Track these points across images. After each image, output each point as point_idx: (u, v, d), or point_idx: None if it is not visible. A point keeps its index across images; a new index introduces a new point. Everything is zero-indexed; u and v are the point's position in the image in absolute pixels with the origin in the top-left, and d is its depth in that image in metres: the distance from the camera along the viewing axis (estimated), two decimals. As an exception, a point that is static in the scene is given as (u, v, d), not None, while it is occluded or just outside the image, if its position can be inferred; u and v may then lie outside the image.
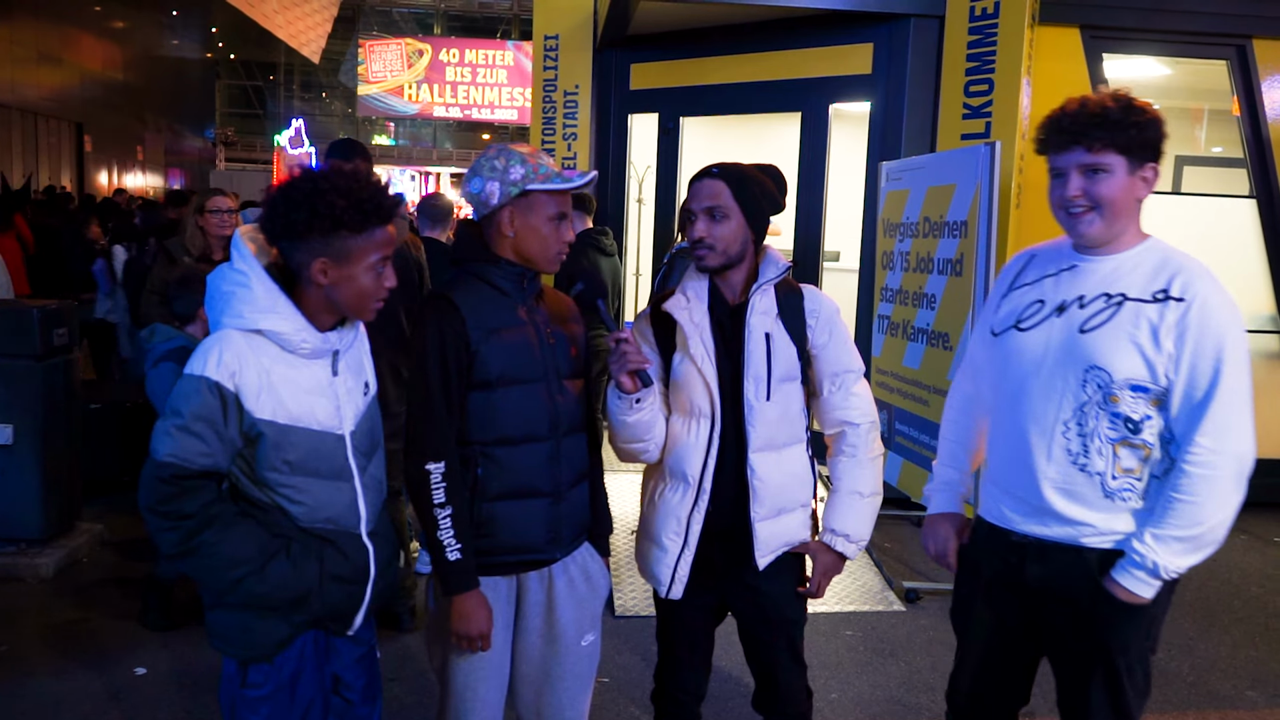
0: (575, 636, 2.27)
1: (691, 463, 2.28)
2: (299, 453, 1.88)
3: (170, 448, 1.77)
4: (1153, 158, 2.02)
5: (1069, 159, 2.02)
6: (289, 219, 1.84)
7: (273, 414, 1.84)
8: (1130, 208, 2.03)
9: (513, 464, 2.14)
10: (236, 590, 1.85)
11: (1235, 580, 4.98)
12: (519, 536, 2.16)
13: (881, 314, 5.40)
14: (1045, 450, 2.06)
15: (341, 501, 1.96)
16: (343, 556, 1.97)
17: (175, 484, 1.76)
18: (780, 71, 6.45)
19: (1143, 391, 1.98)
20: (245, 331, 1.83)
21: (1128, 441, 2.00)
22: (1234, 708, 3.65)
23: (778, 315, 2.30)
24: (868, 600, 4.53)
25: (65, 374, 4.68)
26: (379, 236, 1.90)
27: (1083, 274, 2.09)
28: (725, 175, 2.27)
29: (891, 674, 3.82)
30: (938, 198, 4.74)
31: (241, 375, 1.80)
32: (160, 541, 1.82)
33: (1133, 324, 1.98)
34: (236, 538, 1.83)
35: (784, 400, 2.29)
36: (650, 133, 7.37)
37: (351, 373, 2.01)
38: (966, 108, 5.40)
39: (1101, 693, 2.09)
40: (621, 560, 4.74)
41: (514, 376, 2.12)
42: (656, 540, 2.34)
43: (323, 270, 1.86)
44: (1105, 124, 1.97)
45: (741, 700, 3.48)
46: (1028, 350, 2.11)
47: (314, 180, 1.85)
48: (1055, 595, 2.10)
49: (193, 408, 1.78)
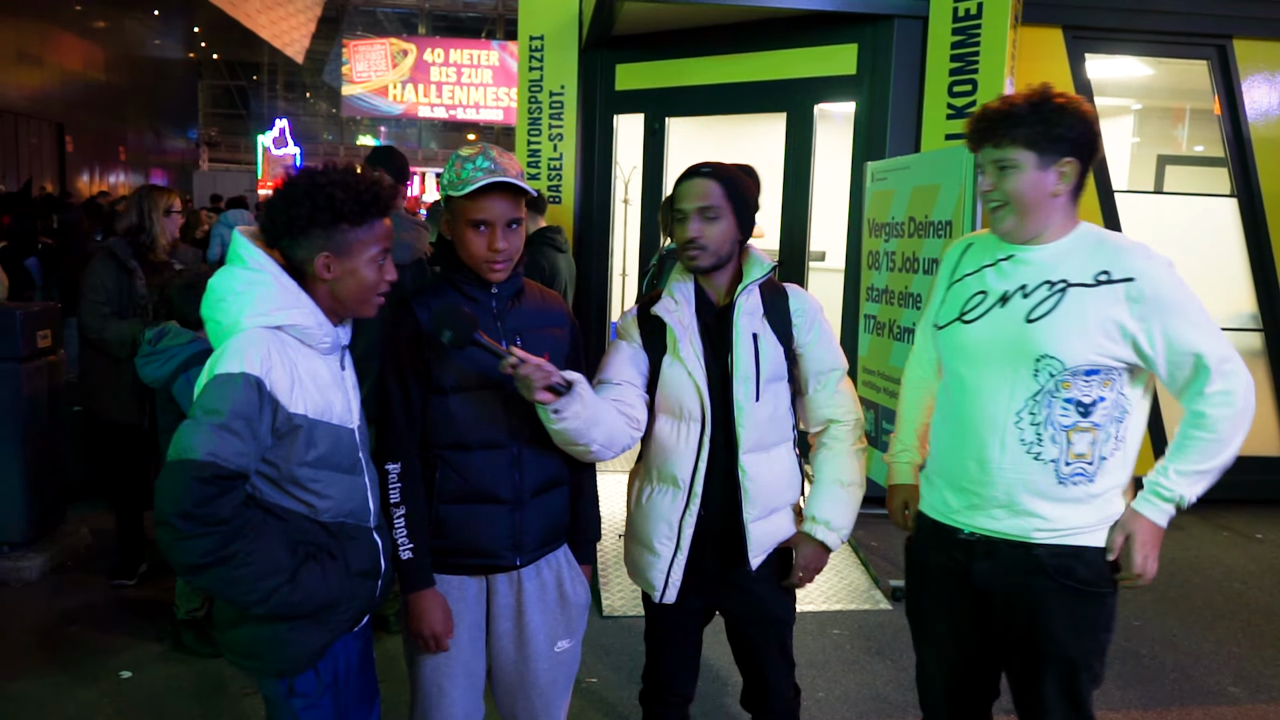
0: (546, 642, 2.25)
1: (682, 466, 2.27)
2: (324, 446, 1.88)
3: (210, 445, 1.68)
4: (1069, 152, 2.02)
5: (983, 155, 2.08)
6: (290, 215, 1.85)
7: (305, 408, 1.84)
8: (1044, 202, 2.04)
9: (467, 469, 2.13)
10: (269, 601, 1.78)
11: (1218, 577, 5.02)
12: (476, 541, 2.16)
13: (868, 314, 5.41)
14: (999, 442, 2.07)
15: (358, 495, 1.97)
16: (363, 551, 1.97)
17: (215, 484, 1.68)
18: (765, 72, 6.46)
19: (1094, 374, 2.01)
20: (269, 329, 1.83)
21: (1079, 426, 2.03)
22: (1217, 703, 3.68)
23: (764, 315, 2.29)
24: (855, 599, 4.55)
25: (48, 376, 4.65)
26: (379, 228, 1.91)
27: (1022, 263, 2.10)
28: (717, 175, 2.26)
29: (879, 672, 3.83)
30: (923, 198, 4.76)
31: (275, 371, 1.79)
32: (186, 550, 1.67)
33: (1079, 310, 2.00)
34: (268, 544, 1.78)
35: (773, 400, 2.29)
36: (636, 133, 7.37)
37: (351, 369, 2.04)
38: (950, 108, 5.42)
39: (1054, 687, 2.11)
40: (609, 561, 4.74)
41: (468, 383, 2.11)
42: (648, 545, 2.33)
43: (326, 265, 1.88)
44: (1010, 120, 2.01)
45: (729, 699, 3.49)
46: (973, 343, 2.13)
47: (311, 176, 1.87)
48: (1004, 592, 2.12)
49: (234, 405, 1.72)
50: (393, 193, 1.95)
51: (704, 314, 2.31)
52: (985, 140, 2.06)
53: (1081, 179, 2.07)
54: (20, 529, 4.52)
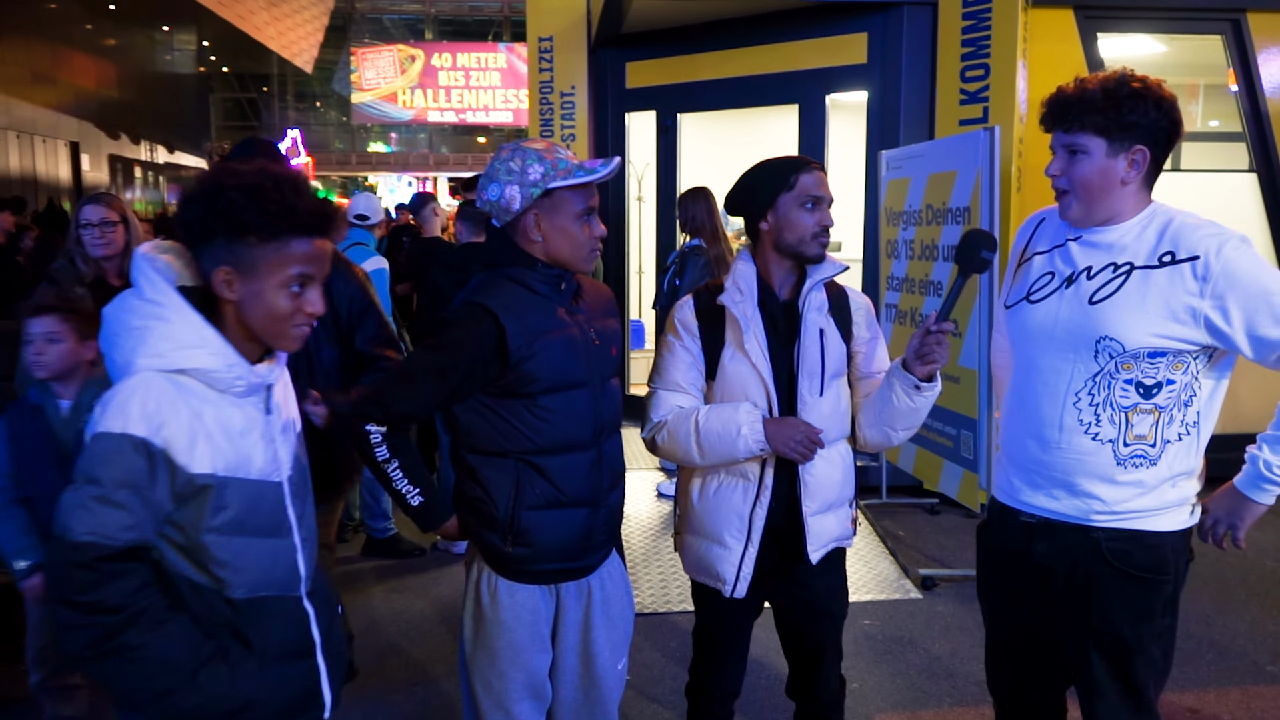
0: (612, 661, 2.23)
1: (752, 460, 2.27)
2: (237, 508, 1.59)
3: (88, 525, 1.45)
4: (1141, 140, 1.98)
5: (1055, 139, 2.06)
6: (186, 219, 1.59)
7: (211, 465, 1.55)
8: (1112, 189, 2.01)
9: (554, 473, 2.06)
10: (162, 704, 1.52)
11: (1251, 555, 4.98)
12: (559, 546, 2.10)
13: (889, 303, 5.40)
14: (1057, 422, 2.07)
15: (283, 562, 1.68)
16: (282, 629, 1.68)
17: (96, 569, 1.44)
18: (776, 64, 6.46)
19: (1159, 356, 1.97)
20: (167, 373, 1.55)
21: (1140, 408, 2.00)
22: (1255, 683, 3.66)
23: (829, 311, 2.30)
24: (884, 589, 4.54)
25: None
26: (297, 249, 1.60)
27: (1089, 245, 2.08)
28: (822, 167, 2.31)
29: (911, 661, 3.83)
30: (939, 184, 4.75)
31: (169, 426, 1.51)
32: (68, 640, 1.46)
33: (1141, 292, 1.97)
34: (165, 638, 1.50)
35: (834, 396, 2.29)
36: (648, 130, 7.38)
37: (280, 409, 1.73)
38: (963, 93, 5.40)
39: (1106, 669, 2.09)
40: (635, 558, 4.75)
41: (562, 382, 2.04)
42: (718, 539, 2.31)
43: (226, 281, 1.59)
44: (1083, 106, 1.98)
45: (764, 691, 3.50)
46: (1038, 323, 2.12)
47: (218, 176, 1.59)
48: (1063, 574, 2.11)
49: (114, 474, 1.47)
50: (317, 210, 1.62)
51: (768, 306, 2.30)
52: (1057, 124, 2.04)
53: (1155, 166, 2.03)
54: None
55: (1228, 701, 3.51)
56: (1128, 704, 2.10)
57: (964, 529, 5.31)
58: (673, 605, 4.22)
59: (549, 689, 2.20)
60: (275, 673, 1.65)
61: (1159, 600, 2.06)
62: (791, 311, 2.29)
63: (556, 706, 2.23)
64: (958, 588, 4.50)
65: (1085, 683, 2.15)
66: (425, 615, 4.26)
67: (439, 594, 4.51)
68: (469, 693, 2.21)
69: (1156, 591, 2.05)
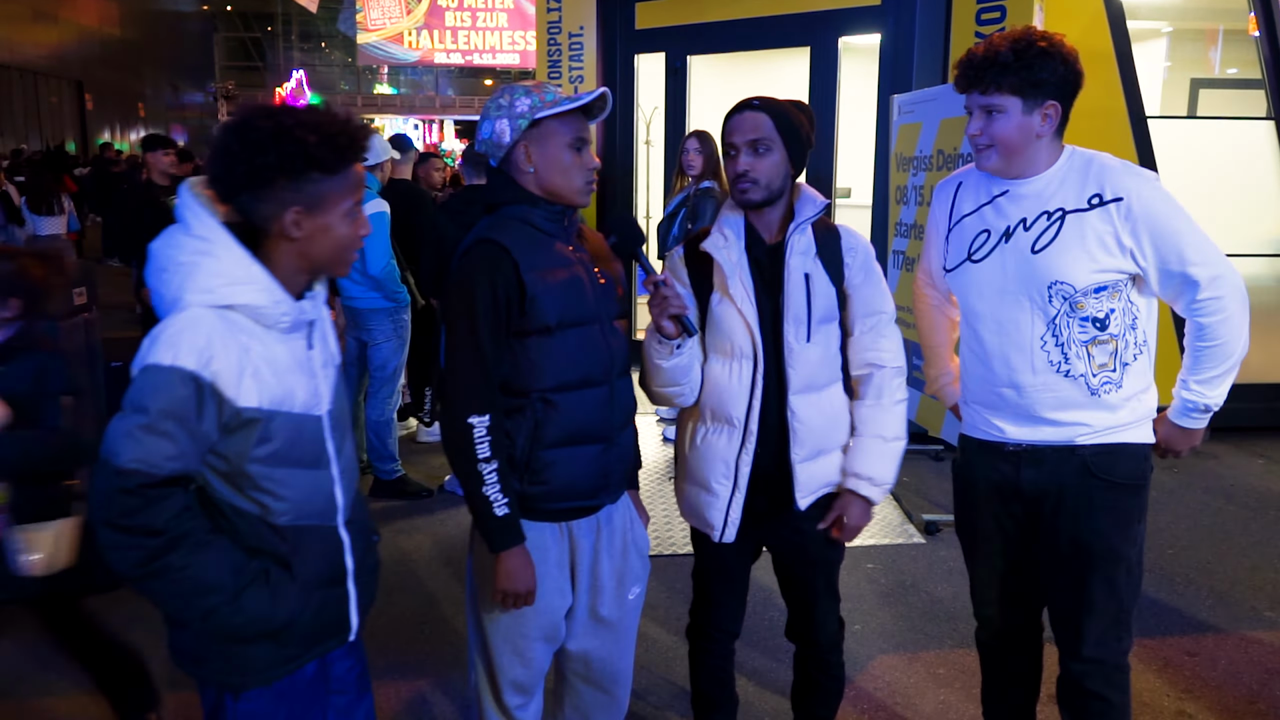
0: (625, 589, 2.25)
1: (736, 405, 2.26)
2: (281, 440, 1.64)
3: (133, 452, 1.49)
4: (1052, 95, 2.10)
5: (971, 100, 2.17)
6: (253, 164, 1.57)
7: (259, 399, 1.59)
8: (1029, 143, 2.14)
9: (571, 409, 2.06)
10: (206, 621, 1.59)
11: (1253, 504, 5.01)
12: (574, 483, 2.10)
13: (896, 249, 5.37)
14: (1029, 366, 2.21)
15: (322, 491, 1.74)
16: (325, 557, 1.75)
17: (140, 494, 1.50)
18: (788, 5, 6.35)
19: (1103, 290, 2.14)
20: (216, 308, 1.57)
21: (1097, 340, 2.17)
22: (1253, 629, 3.70)
23: (816, 255, 2.26)
24: (888, 534, 4.59)
25: (85, 334, 4.72)
26: (353, 177, 1.67)
27: (1017, 198, 2.21)
28: (767, 108, 2.22)
29: (913, 605, 3.88)
30: (951, 130, 4.69)
31: (218, 360, 1.54)
32: (116, 561, 1.52)
33: (1079, 234, 2.12)
34: (208, 560, 1.56)
35: (824, 341, 2.27)
36: (657, 73, 7.28)
37: (321, 345, 1.77)
38: (979, 36, 5.30)
39: (1101, 585, 2.23)
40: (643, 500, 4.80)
41: (572, 319, 2.04)
42: (705, 485, 2.33)
43: (296, 222, 1.61)
44: (996, 67, 2.09)
45: (767, 632, 3.55)
46: (986, 280, 2.24)
47: (275, 117, 1.58)
48: (1053, 496, 2.25)
49: (161, 404, 1.51)
50: (365, 133, 1.70)
51: (755, 250, 2.28)
52: (973, 85, 2.15)
53: (1064, 118, 2.16)
54: (67, 483, 4.63)
55: (1226, 646, 3.56)
56: (1112, 618, 2.25)
57: (968, 476, 5.33)
58: (677, 548, 4.29)
59: (563, 630, 2.21)
60: (313, 597, 1.71)
61: (1138, 506, 2.24)
62: (777, 256, 2.26)
63: (567, 638, 2.24)
64: (960, 533, 4.54)
65: (1072, 604, 2.27)
66: (433, 556, 4.31)
67: (446, 534, 4.57)
68: (476, 633, 2.23)
69: (1137, 496, 2.23)
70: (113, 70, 24.40)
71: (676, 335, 2.13)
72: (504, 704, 2.23)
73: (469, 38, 30.31)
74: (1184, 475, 5.34)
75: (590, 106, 2.07)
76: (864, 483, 2.31)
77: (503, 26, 30.10)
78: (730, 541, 2.34)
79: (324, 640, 1.78)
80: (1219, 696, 3.23)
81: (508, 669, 2.19)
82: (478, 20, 30.18)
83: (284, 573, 1.67)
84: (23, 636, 3.56)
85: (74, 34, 22.26)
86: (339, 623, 1.80)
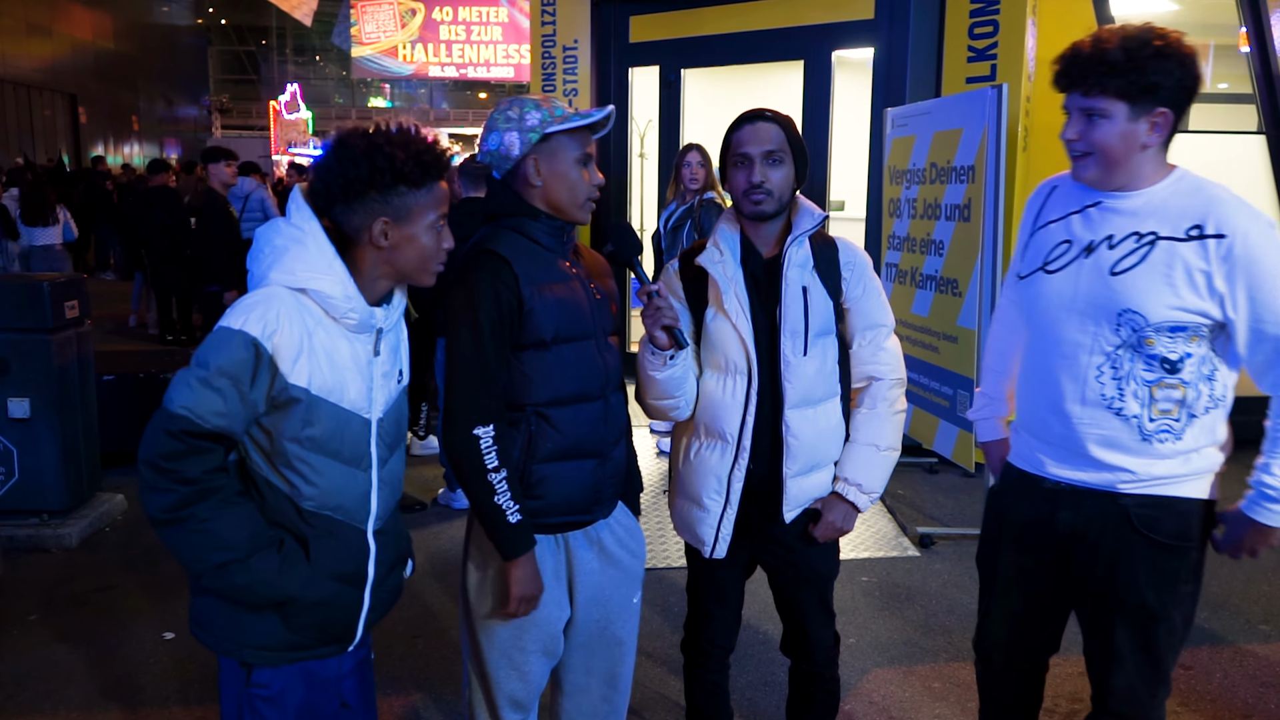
0: (626, 598, 2.25)
1: (730, 420, 2.25)
2: (323, 429, 1.74)
3: (186, 399, 1.61)
4: (1165, 102, 1.90)
5: (1070, 101, 1.97)
6: (346, 177, 1.72)
7: (308, 381, 1.70)
8: (1132, 153, 1.94)
9: (565, 424, 2.07)
10: (216, 576, 1.69)
11: (1246, 516, 5.01)
12: (566, 498, 2.10)
13: (889, 262, 5.39)
14: (1079, 396, 2.02)
15: (355, 491, 1.82)
16: (342, 551, 1.81)
17: (183, 440, 1.61)
18: (781, 19, 6.38)
19: (1181, 331, 1.92)
20: (292, 290, 1.71)
21: (1164, 383, 1.95)
22: (1247, 641, 3.70)
23: (813, 268, 2.25)
24: (882, 546, 4.58)
25: (78, 346, 4.70)
26: (438, 192, 1.80)
27: (1109, 211, 2.00)
28: (778, 119, 2.23)
29: (908, 618, 3.87)
30: (944, 143, 4.71)
31: (282, 335, 1.66)
32: (148, 501, 1.65)
33: (1167, 264, 1.90)
34: (230, 518, 1.67)
35: (821, 355, 2.25)
36: (651, 86, 7.30)
37: (389, 357, 1.88)
38: (971, 50, 5.34)
39: (1129, 637, 2.06)
40: (637, 514, 4.78)
41: (568, 334, 2.04)
42: (697, 500, 2.32)
43: (384, 231, 1.76)
44: (1103, 67, 1.88)
45: (762, 647, 3.54)
46: (1055, 293, 2.05)
47: (368, 137, 1.75)
48: (1086, 542, 2.07)
49: (221, 362, 1.63)
50: (446, 155, 1.83)
51: (750, 264, 2.27)
52: (1074, 85, 1.94)
53: (1175, 128, 1.95)
54: (58, 497, 4.61)
55: (1221, 659, 3.55)
56: (1146, 674, 2.08)
57: (962, 488, 5.33)
58: (672, 561, 4.27)
59: (561, 644, 2.20)
60: (325, 585, 1.78)
61: (1185, 567, 2.03)
62: (774, 269, 2.25)
63: (569, 650, 2.23)
64: (955, 546, 4.54)
65: (1103, 652, 2.11)
66: (426, 570, 4.29)
67: (440, 548, 4.54)
68: (471, 649, 2.21)
69: (1183, 558, 2.02)
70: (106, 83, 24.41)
71: (669, 347, 2.12)
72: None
73: (463, 51, 30.36)
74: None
75: (595, 123, 2.08)
76: (852, 488, 2.30)
77: (497, 40, 30.17)
78: (721, 557, 2.33)
79: (327, 639, 1.84)
80: (1214, 710, 3.22)
81: (504, 684, 2.17)
82: (472, 34, 30.25)
83: (299, 548, 1.75)
84: (20, 648, 3.55)
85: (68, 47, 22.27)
86: (344, 625, 1.85)
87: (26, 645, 3.63)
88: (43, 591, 4.09)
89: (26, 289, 4.51)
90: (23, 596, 4.03)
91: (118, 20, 25.47)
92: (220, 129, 34.33)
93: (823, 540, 2.33)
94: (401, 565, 1.99)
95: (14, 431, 4.53)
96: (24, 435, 4.53)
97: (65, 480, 4.62)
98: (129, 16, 26.37)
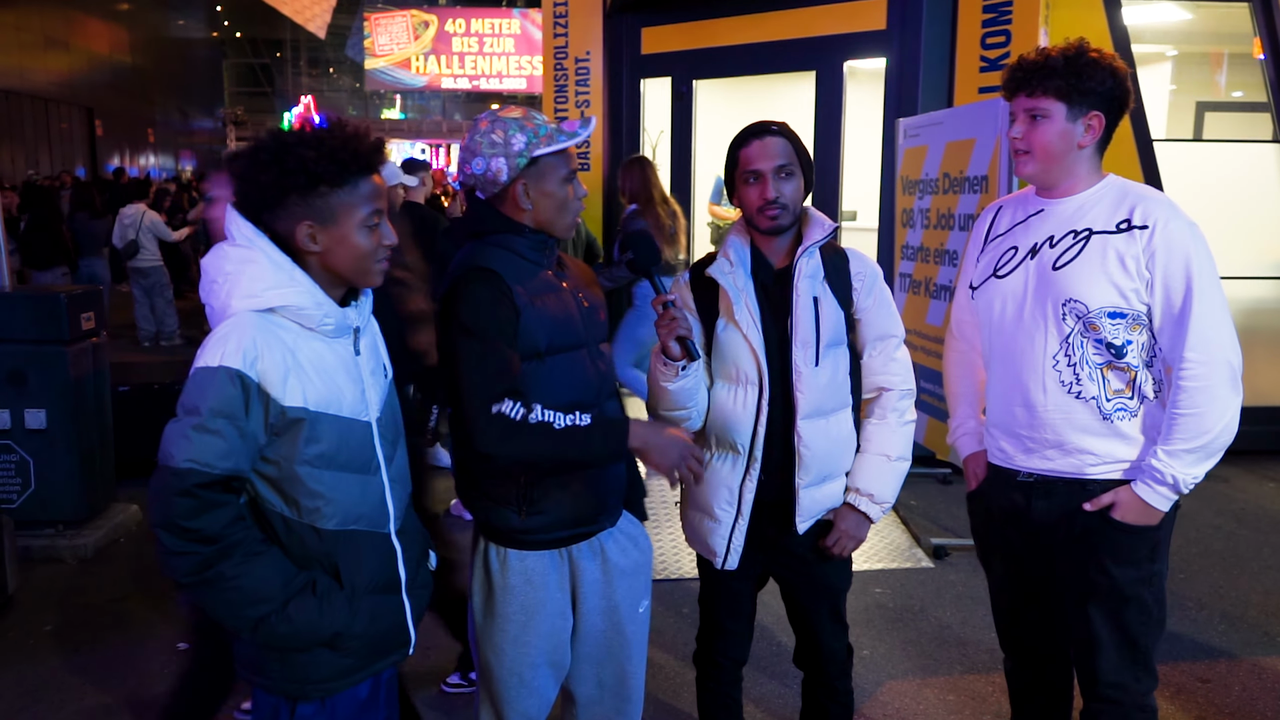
0: (633, 605, 2.24)
1: (741, 431, 2.24)
2: (328, 443, 1.68)
3: (188, 452, 1.55)
4: (1097, 106, 2.10)
5: (1017, 103, 2.17)
6: (259, 183, 1.65)
7: (304, 399, 1.64)
8: (1069, 152, 2.13)
9: None
10: (257, 631, 1.63)
11: (1265, 528, 4.97)
12: (570, 511, 2.10)
13: (903, 272, 5.37)
14: (1040, 385, 2.18)
15: (371, 498, 1.77)
16: (373, 563, 1.77)
17: (195, 495, 1.55)
18: (793, 30, 6.38)
19: (1120, 317, 2.10)
20: (260, 313, 1.64)
21: (1113, 365, 2.13)
22: (1267, 654, 3.66)
23: (824, 278, 2.26)
24: (896, 558, 4.56)
25: (94, 358, 4.73)
26: (365, 189, 1.69)
27: (1049, 216, 2.21)
28: (785, 133, 2.24)
29: (923, 630, 3.85)
30: (957, 153, 4.70)
31: (263, 360, 1.60)
32: (170, 567, 1.58)
33: (1101, 255, 2.10)
34: (259, 571, 1.61)
35: (832, 365, 2.25)
36: (663, 97, 7.32)
37: (370, 354, 1.83)
38: (984, 60, 5.33)
39: (1105, 622, 2.17)
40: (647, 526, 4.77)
41: (561, 344, 2.04)
42: (709, 511, 2.31)
43: (311, 235, 1.67)
44: (1044, 71, 2.10)
45: (775, 658, 3.52)
46: (1010, 293, 2.23)
47: (279, 138, 1.67)
48: (1061, 529, 2.21)
49: (211, 403, 1.56)
50: (376, 146, 1.73)
51: (761, 276, 2.27)
52: (1020, 89, 2.15)
53: (1107, 133, 2.15)
54: (74, 507, 4.64)
55: (1239, 672, 3.52)
56: (1125, 657, 2.18)
57: (976, 499, 5.30)
58: (685, 572, 4.26)
59: (568, 657, 2.20)
60: (366, 606, 1.73)
61: (1147, 546, 2.16)
62: (785, 280, 2.25)
63: (576, 660, 2.22)
64: (969, 557, 4.51)
65: (1084, 638, 2.23)
66: (439, 580, 4.28)
67: (453, 559, 4.54)
68: (480, 667, 2.21)
69: (1143, 537, 2.15)
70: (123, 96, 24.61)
71: (681, 358, 2.12)
72: None
73: (476, 63, 30.47)
74: (1194, 499, 5.29)
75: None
76: (864, 499, 2.30)
77: (509, 51, 30.27)
78: (733, 568, 2.32)
79: (384, 653, 1.81)
80: (1233, 723, 3.19)
81: (515, 700, 2.17)
82: (485, 46, 30.35)
83: (332, 582, 1.70)
84: (36, 658, 3.57)
85: (84, 61, 22.47)
86: (397, 632, 1.82)
87: (42, 655, 3.64)
88: (58, 602, 4.11)
89: (43, 301, 4.56)
90: (38, 607, 4.05)
91: (134, 34, 25.70)
92: (235, 141, 34.56)
93: (837, 552, 2.33)
94: (425, 559, 1.96)
95: (30, 442, 4.56)
96: (40, 446, 4.56)
97: (81, 491, 4.64)
98: (145, 30, 26.61)
